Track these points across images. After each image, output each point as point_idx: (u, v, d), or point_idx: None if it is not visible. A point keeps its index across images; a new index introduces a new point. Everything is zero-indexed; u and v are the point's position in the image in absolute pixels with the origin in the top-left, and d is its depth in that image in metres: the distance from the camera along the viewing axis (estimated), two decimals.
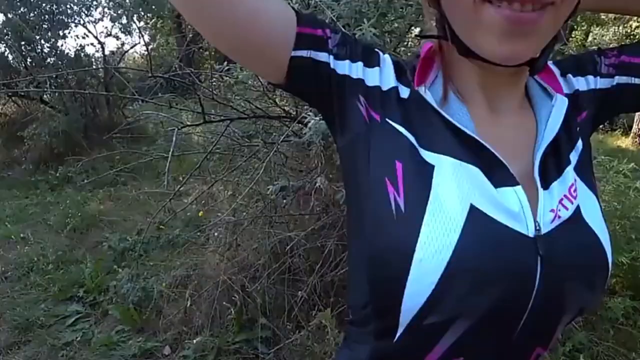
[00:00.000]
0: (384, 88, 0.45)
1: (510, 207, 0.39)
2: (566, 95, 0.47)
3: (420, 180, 0.40)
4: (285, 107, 1.55)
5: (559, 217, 0.40)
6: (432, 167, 0.40)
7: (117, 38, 5.54)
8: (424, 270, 0.37)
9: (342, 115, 0.45)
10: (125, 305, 2.13)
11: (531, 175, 0.42)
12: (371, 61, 0.45)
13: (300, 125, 1.30)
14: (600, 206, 0.44)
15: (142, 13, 6.30)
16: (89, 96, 4.77)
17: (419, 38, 0.98)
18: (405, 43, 1.57)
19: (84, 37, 5.05)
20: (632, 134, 6.64)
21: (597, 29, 8.90)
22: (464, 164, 0.40)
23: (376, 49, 0.47)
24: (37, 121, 4.23)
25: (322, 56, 0.43)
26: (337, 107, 0.45)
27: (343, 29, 0.47)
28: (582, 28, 9.20)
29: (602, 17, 6.80)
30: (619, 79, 0.48)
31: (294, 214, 1.66)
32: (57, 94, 4.44)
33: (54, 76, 4.29)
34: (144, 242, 2.75)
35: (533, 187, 0.41)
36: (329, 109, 0.46)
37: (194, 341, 1.74)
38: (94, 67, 5.12)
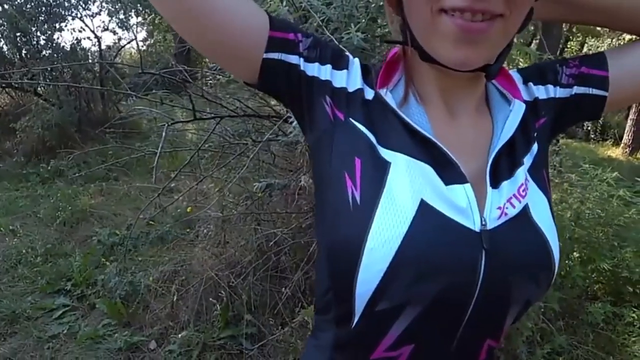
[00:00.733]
0: (350, 90, 0.48)
1: (458, 203, 0.42)
2: (526, 101, 0.50)
3: (377, 175, 0.43)
4: (276, 107, 1.58)
5: (506, 214, 0.43)
6: (389, 163, 0.43)
7: (114, 33, 5.53)
8: (374, 259, 0.40)
9: (310, 113, 0.48)
10: (113, 299, 2.13)
11: (483, 174, 0.45)
12: (339, 64, 0.48)
13: (289, 124, 1.33)
14: (551, 207, 0.47)
15: (140, 8, 6.29)
16: (83, 90, 4.75)
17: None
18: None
19: (80, 31, 5.05)
20: (622, 144, 6.76)
21: (593, 40, 9.02)
22: (417, 162, 0.43)
23: (346, 53, 0.50)
24: (30, 113, 4.21)
25: (293, 58, 0.46)
26: (306, 106, 0.48)
27: (315, 34, 0.50)
28: (578, 39, 9.32)
29: (598, 29, 6.90)
30: (577, 89, 0.51)
31: (280, 212, 1.68)
32: (51, 87, 4.42)
33: (49, 69, 4.28)
34: (133, 238, 2.76)
35: (483, 185, 0.44)
36: (299, 107, 0.49)
37: (179, 336, 1.76)
38: (89, 61, 5.11)
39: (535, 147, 0.49)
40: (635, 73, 0.50)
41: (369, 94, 0.48)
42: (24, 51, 4.47)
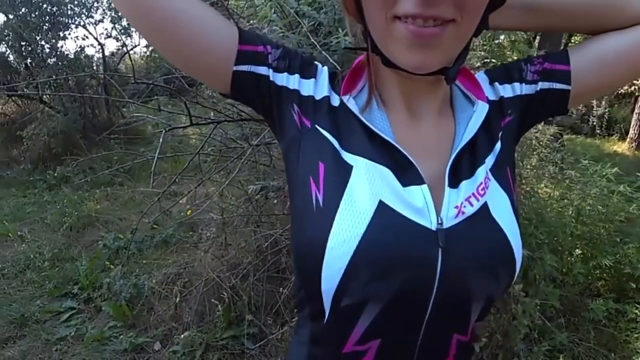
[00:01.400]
0: (317, 97, 0.50)
1: (415, 204, 0.44)
2: (492, 101, 0.52)
3: (339, 178, 0.45)
4: None
5: (463, 212, 0.45)
6: (351, 167, 0.46)
7: (117, 39, 5.61)
8: (334, 257, 0.42)
9: (281, 121, 0.51)
10: (118, 302, 2.18)
11: (443, 174, 0.47)
12: (308, 73, 0.51)
13: None
14: (514, 204, 0.48)
15: None
16: (88, 97, 4.83)
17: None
18: None
19: (83, 39, 5.13)
20: (628, 139, 6.69)
21: None
22: (377, 165, 0.45)
23: (315, 62, 0.53)
24: (36, 121, 4.29)
25: (262, 70, 0.49)
26: (276, 114, 0.51)
27: (285, 45, 0.52)
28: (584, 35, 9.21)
29: None
30: (542, 85, 0.53)
31: (278, 214, 1.71)
32: (59, 93, 4.50)
33: (54, 77, 4.36)
34: (138, 241, 2.81)
35: (442, 185, 0.46)
36: (271, 116, 0.52)
37: (182, 336, 1.79)
38: (93, 67, 5.18)
39: (498, 146, 0.50)
40: (595, 66, 0.51)
41: (335, 101, 0.50)
42: (29, 60, 4.56)
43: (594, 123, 7.10)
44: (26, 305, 2.30)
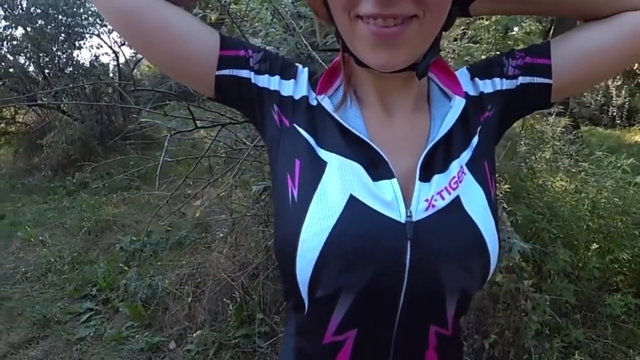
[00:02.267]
0: (296, 97, 0.52)
1: (384, 197, 0.45)
2: (471, 96, 0.52)
3: (313, 174, 0.47)
4: None
5: (434, 206, 0.45)
6: (326, 163, 0.47)
7: (131, 47, 5.73)
8: (307, 250, 0.44)
9: (263, 121, 0.53)
10: (134, 302, 2.24)
11: (415, 169, 0.47)
12: (288, 74, 0.52)
13: None
14: (490, 198, 0.48)
15: None
16: (111, 102, 4.97)
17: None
18: None
19: (98, 47, 5.28)
20: None
21: None
22: (349, 161, 0.47)
23: (295, 64, 0.54)
24: (55, 129, 4.44)
25: (244, 73, 0.51)
26: (259, 115, 0.53)
27: (266, 48, 0.54)
28: None
29: None
30: (522, 79, 0.52)
31: None
32: (74, 102, 4.65)
33: (71, 86, 4.50)
34: (153, 243, 2.88)
35: (414, 179, 0.47)
36: (253, 116, 0.54)
37: (194, 335, 1.83)
38: (110, 75, 5.32)
39: (475, 140, 0.50)
40: (577, 59, 0.50)
41: (314, 100, 0.51)
42: (46, 70, 4.72)
43: (614, 113, 6.89)
44: (48, 307, 2.39)
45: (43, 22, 4.50)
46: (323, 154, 0.48)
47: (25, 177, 4.59)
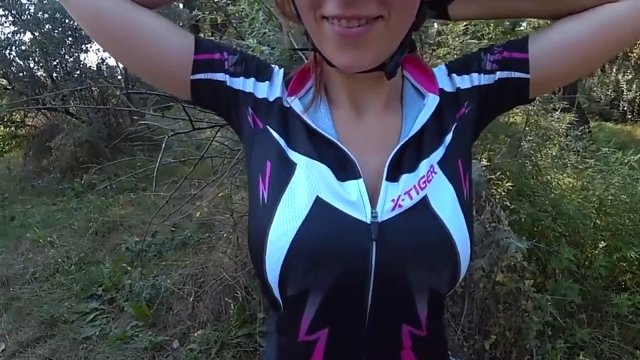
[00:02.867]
0: (270, 99, 0.52)
1: (349, 198, 0.45)
2: (447, 93, 0.52)
3: (283, 176, 0.47)
4: None
5: (400, 206, 0.45)
6: (295, 165, 0.47)
7: (105, 51, 5.77)
8: (274, 250, 0.44)
9: (239, 123, 0.53)
10: (139, 302, 2.27)
11: (383, 169, 0.47)
12: (263, 76, 0.52)
13: None
14: (460, 197, 0.48)
15: None
16: (112, 106, 5.03)
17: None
18: None
19: (105, 50, 5.32)
20: None
21: None
22: (316, 162, 0.47)
23: (272, 65, 0.54)
24: (63, 132, 4.51)
25: (219, 76, 0.51)
26: (235, 117, 0.53)
27: (242, 50, 0.54)
28: None
29: None
30: (500, 74, 0.51)
31: None
32: (82, 105, 4.72)
33: (79, 89, 4.56)
34: (158, 244, 2.91)
35: (381, 179, 0.46)
36: (230, 119, 0.54)
37: (196, 334, 1.85)
38: (117, 78, 5.38)
39: (449, 138, 0.50)
40: (555, 52, 0.49)
41: (287, 102, 0.51)
42: (54, 74, 4.79)
43: (625, 108, 6.75)
44: (55, 306, 2.43)
45: (50, 27, 4.57)
46: (293, 155, 0.48)
47: (35, 179, 4.68)
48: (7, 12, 4.48)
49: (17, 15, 4.49)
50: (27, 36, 4.65)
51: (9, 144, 5.14)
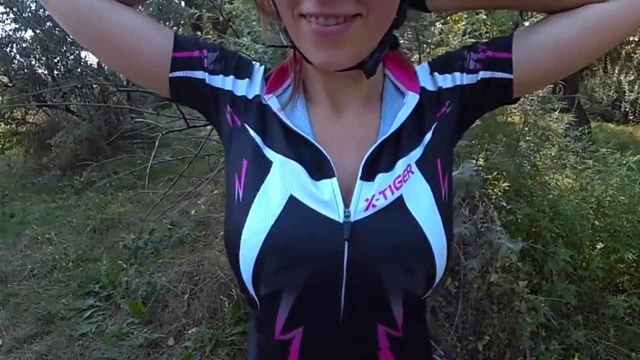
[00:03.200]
0: (249, 97, 0.51)
1: (322, 197, 0.45)
2: (429, 92, 0.51)
3: (258, 174, 0.47)
4: None
5: (374, 205, 0.45)
6: (271, 163, 0.47)
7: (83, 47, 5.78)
8: (247, 249, 0.44)
9: (218, 121, 0.53)
10: (135, 299, 2.27)
11: (359, 168, 0.46)
12: (242, 74, 0.52)
13: None
14: (438, 197, 0.47)
15: (161, 23, 6.57)
16: (112, 104, 5.04)
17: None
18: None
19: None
20: None
21: None
22: (290, 161, 0.46)
23: (252, 63, 0.54)
24: (64, 129, 4.52)
25: (198, 74, 0.51)
26: (214, 115, 0.53)
27: (223, 47, 0.54)
28: None
29: None
30: (483, 74, 0.50)
31: None
32: (81, 104, 4.73)
33: (79, 86, 4.57)
34: (155, 241, 2.92)
35: (356, 178, 0.46)
36: (209, 116, 0.54)
37: (190, 332, 1.85)
38: (120, 75, 5.38)
39: (428, 137, 0.49)
40: (539, 52, 0.48)
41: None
42: (55, 71, 4.80)
43: (627, 109, 6.71)
44: (53, 303, 2.44)
45: (51, 24, 4.57)
46: (269, 154, 0.48)
47: (35, 177, 4.69)
48: (8, 9, 4.49)
49: (18, 13, 4.50)
50: (28, 34, 4.66)
51: (9, 141, 5.15)
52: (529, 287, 1.68)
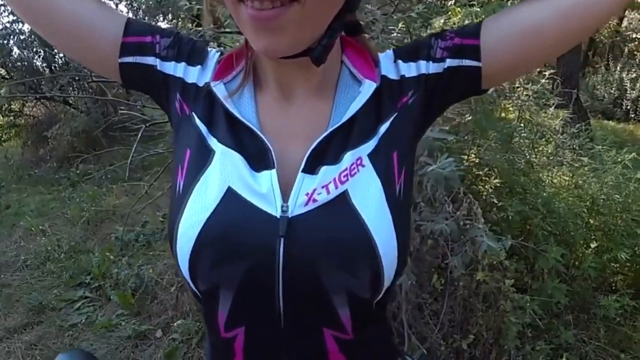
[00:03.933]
0: (200, 84, 0.49)
1: (260, 190, 0.42)
2: (390, 80, 0.48)
3: (199, 164, 0.45)
4: None
5: (315, 200, 0.42)
6: (213, 153, 0.45)
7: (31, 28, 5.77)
8: (183, 242, 0.42)
9: (168, 109, 0.51)
10: (125, 291, 2.28)
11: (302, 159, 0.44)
12: (195, 60, 0.50)
13: None
14: (389, 193, 0.44)
15: (161, 17, 6.53)
16: (110, 96, 5.02)
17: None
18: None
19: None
20: None
21: (633, 13, 8.36)
22: (230, 151, 0.44)
23: (208, 48, 0.52)
24: (61, 122, 4.51)
25: (149, 60, 0.49)
26: (165, 103, 0.51)
27: (178, 32, 0.52)
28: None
29: (638, 0, 6.37)
30: (450, 62, 0.47)
31: None
32: (79, 95, 4.72)
33: (76, 78, 4.55)
34: (147, 234, 2.92)
35: (298, 171, 0.44)
36: (161, 104, 0.52)
37: (175, 324, 1.85)
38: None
39: (383, 128, 0.46)
40: (509, 40, 0.45)
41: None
42: (53, 64, 4.79)
43: (628, 107, 6.65)
44: (44, 294, 2.45)
45: None
46: (213, 143, 0.46)
47: (32, 169, 4.70)
48: (5, 1, 4.48)
49: None
50: (26, 26, 4.64)
51: (7, 133, 5.16)
52: (519, 286, 1.66)
